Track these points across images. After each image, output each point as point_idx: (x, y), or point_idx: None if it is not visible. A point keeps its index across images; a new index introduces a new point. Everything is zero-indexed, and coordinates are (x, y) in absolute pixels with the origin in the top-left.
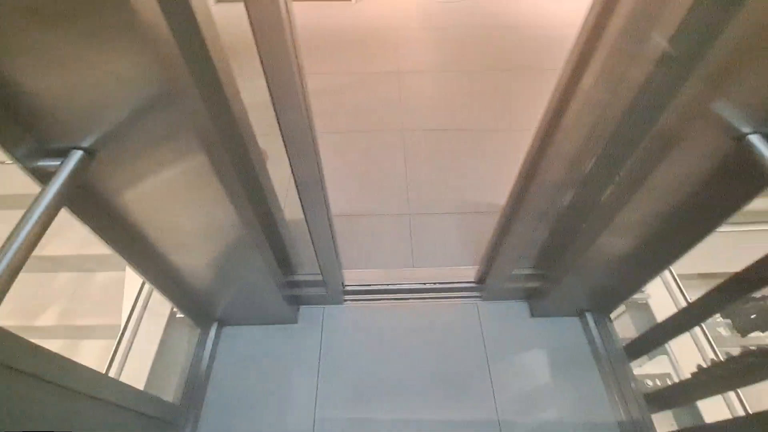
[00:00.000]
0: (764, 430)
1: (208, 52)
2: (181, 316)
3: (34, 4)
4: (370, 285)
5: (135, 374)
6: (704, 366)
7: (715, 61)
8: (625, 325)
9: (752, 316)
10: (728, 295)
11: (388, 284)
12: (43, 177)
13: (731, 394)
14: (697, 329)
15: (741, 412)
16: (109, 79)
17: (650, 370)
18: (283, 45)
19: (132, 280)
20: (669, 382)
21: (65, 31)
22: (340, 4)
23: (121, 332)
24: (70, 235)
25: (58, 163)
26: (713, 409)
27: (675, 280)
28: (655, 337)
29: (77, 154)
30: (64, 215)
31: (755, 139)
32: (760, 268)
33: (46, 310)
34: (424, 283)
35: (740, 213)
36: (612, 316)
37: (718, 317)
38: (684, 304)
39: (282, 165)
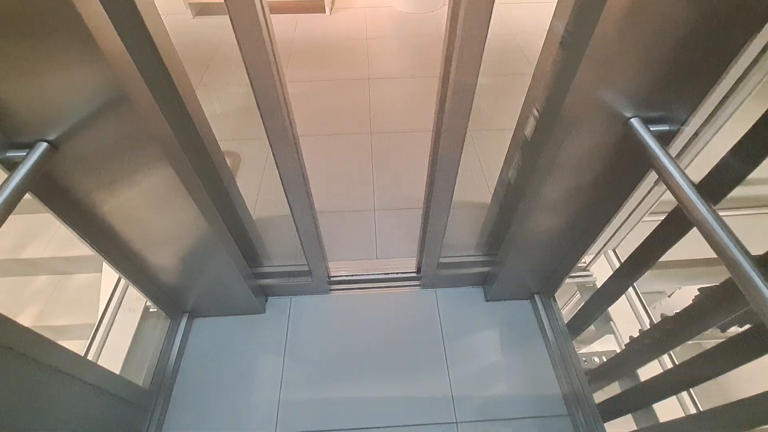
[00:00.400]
0: (684, 378)
1: (163, 65)
2: (155, 310)
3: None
4: (352, 275)
5: (109, 363)
6: (635, 336)
7: (596, 51)
8: (577, 307)
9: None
10: (647, 255)
11: (362, 274)
12: (12, 167)
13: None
14: (639, 308)
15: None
16: (68, 84)
17: (598, 348)
18: (264, 55)
19: (108, 280)
20: None
21: (28, 43)
22: (316, 16)
23: (96, 324)
24: (48, 238)
25: (25, 153)
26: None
27: (620, 263)
28: (589, 311)
29: (42, 146)
30: (42, 219)
31: (635, 122)
32: (670, 222)
33: (22, 312)
34: (386, 273)
35: None
36: (565, 299)
37: None
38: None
39: (256, 165)
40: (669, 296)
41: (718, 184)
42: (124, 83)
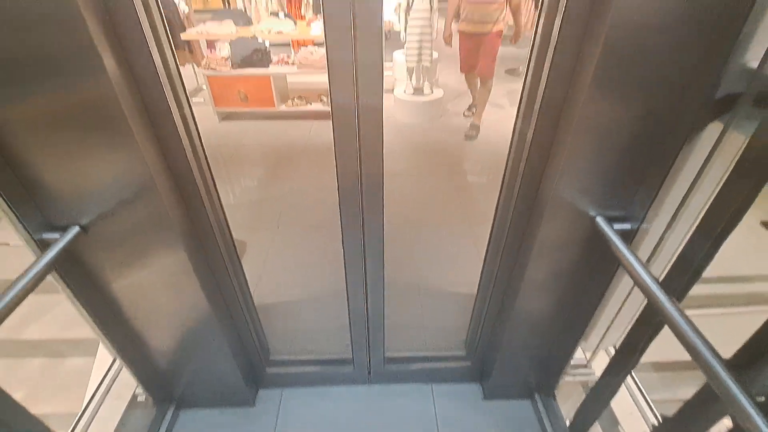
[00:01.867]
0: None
1: (189, 165)
2: (142, 399)
3: (54, 114)
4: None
5: None
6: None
7: (559, 155)
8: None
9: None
10: (633, 347)
11: None
12: (44, 247)
13: None
14: (646, 409)
15: None
16: (106, 174)
17: None
18: (353, 147)
19: (99, 366)
20: None
21: (77, 135)
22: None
23: (81, 412)
24: (48, 319)
25: (58, 236)
26: None
27: None
28: (587, 407)
29: (74, 230)
30: (41, 300)
31: (600, 221)
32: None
33: None
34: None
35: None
36: (572, 401)
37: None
38: (628, 380)
39: (260, 254)
40: None
41: (681, 279)
42: (155, 178)
